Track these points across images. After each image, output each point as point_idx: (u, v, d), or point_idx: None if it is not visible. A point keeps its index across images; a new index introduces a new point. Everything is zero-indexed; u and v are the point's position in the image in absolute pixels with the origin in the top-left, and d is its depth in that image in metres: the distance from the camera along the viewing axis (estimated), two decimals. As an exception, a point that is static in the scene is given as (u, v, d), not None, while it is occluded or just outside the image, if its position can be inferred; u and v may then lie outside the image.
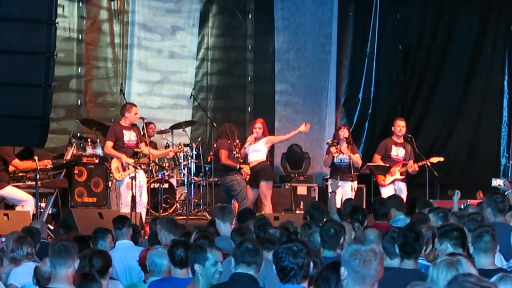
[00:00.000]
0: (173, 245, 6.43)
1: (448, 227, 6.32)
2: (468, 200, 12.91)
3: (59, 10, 12.84)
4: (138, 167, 12.61)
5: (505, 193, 9.17)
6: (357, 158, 13.45)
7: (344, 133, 13.50)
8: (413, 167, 13.54)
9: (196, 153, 14.33)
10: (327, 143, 13.82)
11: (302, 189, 15.25)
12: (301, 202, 14.90)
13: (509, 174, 16.49)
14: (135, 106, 13.04)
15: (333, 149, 13.32)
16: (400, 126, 13.70)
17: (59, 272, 5.80)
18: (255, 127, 12.99)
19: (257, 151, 12.81)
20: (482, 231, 6.02)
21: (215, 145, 13.40)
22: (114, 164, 12.61)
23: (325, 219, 8.54)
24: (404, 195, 13.47)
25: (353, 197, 12.65)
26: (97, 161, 12.94)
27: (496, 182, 10.49)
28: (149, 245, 8.09)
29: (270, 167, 12.73)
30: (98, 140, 13.72)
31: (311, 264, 4.77)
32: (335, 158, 13.40)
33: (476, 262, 5.84)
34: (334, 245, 6.75)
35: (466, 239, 6.23)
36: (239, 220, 8.88)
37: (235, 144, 12.91)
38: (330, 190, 11.23)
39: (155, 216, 11.89)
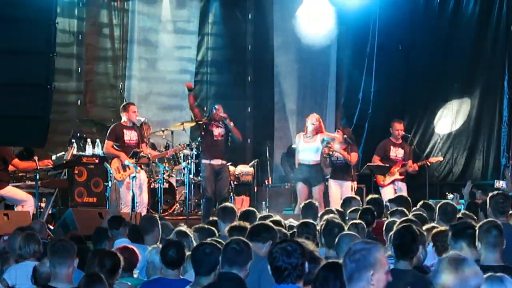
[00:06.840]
0: (165, 246, 6.41)
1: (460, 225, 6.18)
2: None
3: (59, 11, 12.83)
4: (138, 167, 12.61)
5: (510, 194, 9.13)
6: (353, 156, 13.43)
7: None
8: (412, 167, 13.55)
9: (196, 153, 14.33)
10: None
11: (302, 189, 15.22)
12: (301, 202, 14.89)
13: (509, 174, 16.46)
14: (133, 104, 13.08)
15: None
16: (399, 129, 13.83)
17: (59, 271, 5.82)
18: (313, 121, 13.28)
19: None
20: (490, 226, 5.89)
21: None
22: (114, 164, 12.62)
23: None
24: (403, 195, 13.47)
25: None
26: (97, 161, 12.95)
27: (499, 184, 10.48)
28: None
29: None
30: (98, 140, 13.73)
31: (306, 264, 4.77)
32: (331, 157, 13.46)
33: (483, 258, 5.77)
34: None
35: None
36: (240, 220, 8.86)
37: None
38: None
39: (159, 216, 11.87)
